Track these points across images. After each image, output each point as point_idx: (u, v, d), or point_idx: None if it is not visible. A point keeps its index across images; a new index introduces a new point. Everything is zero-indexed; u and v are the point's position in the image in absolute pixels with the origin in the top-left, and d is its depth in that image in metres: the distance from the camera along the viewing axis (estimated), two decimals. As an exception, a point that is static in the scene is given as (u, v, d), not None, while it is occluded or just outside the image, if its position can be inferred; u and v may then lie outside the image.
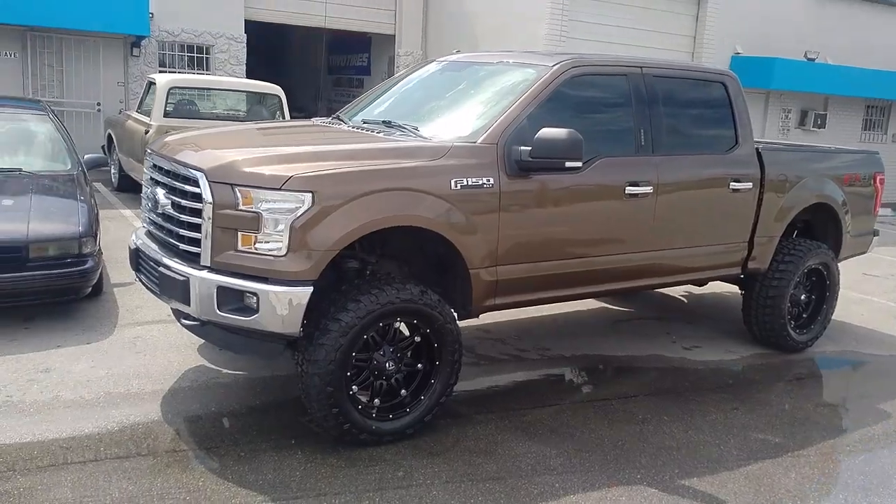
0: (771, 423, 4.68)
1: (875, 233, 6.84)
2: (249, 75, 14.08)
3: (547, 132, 4.14)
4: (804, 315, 6.19)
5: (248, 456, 3.84)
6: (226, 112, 10.57)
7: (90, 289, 5.74)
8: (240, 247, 3.70)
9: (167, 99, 9.74)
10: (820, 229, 6.44)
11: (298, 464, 3.77)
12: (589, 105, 4.79)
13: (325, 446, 3.94)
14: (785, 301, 5.86)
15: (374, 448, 3.95)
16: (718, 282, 6.19)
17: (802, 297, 6.10)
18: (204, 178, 3.76)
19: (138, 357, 5.04)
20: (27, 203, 5.72)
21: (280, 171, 3.70)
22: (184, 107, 9.97)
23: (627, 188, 4.73)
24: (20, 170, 6.37)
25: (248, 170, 3.74)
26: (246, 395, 4.61)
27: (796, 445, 4.37)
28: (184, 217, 3.92)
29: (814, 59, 15.44)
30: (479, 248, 4.19)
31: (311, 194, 3.65)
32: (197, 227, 3.82)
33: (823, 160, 6.29)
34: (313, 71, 19.71)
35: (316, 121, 5.44)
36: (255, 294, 3.66)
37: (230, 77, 13.09)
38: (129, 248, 4.53)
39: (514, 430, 4.31)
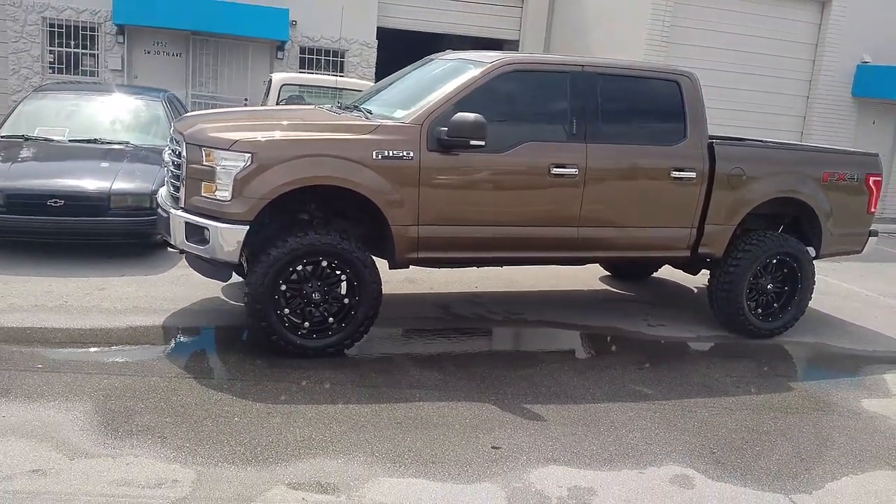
0: (660, 381, 5.23)
1: (872, 233, 6.94)
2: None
3: (459, 116, 5.04)
4: (775, 304, 6.51)
5: (201, 353, 5.12)
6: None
7: (160, 237, 7.28)
8: (202, 193, 4.94)
9: (280, 94, 11.36)
10: (807, 226, 6.71)
11: (233, 361, 4.96)
12: (521, 96, 5.57)
13: (264, 355, 5.06)
14: (741, 287, 6.24)
15: (300, 360, 5.01)
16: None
17: (770, 287, 6.43)
18: (183, 140, 5.05)
19: (174, 287, 6.46)
20: (119, 166, 7.36)
21: (232, 136, 4.90)
22: (293, 101, 11.54)
23: (553, 169, 5.48)
24: (127, 142, 8.09)
25: (211, 135, 4.98)
26: (234, 318, 5.87)
27: (661, 397, 4.92)
28: (175, 170, 5.23)
29: (952, 69, 14.53)
30: (401, 209, 5.15)
31: (250, 154, 4.80)
32: (179, 178, 5.11)
33: (795, 158, 6.57)
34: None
35: (317, 107, 6.60)
36: (207, 229, 4.87)
37: (348, 78, 14.63)
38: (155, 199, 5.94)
39: (421, 361, 5.23)
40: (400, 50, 17.49)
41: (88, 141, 7.95)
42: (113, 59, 14.48)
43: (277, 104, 11.32)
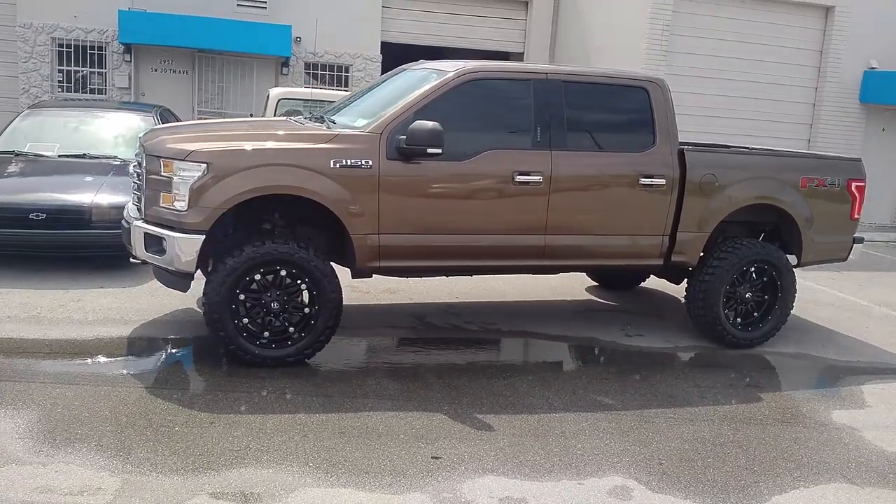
0: (624, 391, 5.14)
1: (857, 240, 6.79)
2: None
3: (417, 124, 5.03)
4: (755, 314, 6.38)
5: (160, 363, 5.13)
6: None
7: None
8: (161, 203, 4.97)
9: (277, 107, 11.45)
10: (787, 233, 6.58)
11: (191, 371, 4.99)
12: (483, 105, 5.54)
13: (224, 365, 5.07)
14: (717, 296, 6.12)
15: (258, 370, 4.98)
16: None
17: (749, 296, 6.30)
18: (143, 152, 5.09)
19: (150, 299, 6.50)
20: (103, 180, 7.44)
21: (188, 146, 4.93)
22: (291, 114, 11.63)
23: (517, 177, 5.44)
24: (115, 157, 8.18)
25: (168, 146, 5.02)
26: (203, 328, 5.84)
27: (621, 407, 4.83)
28: (138, 182, 5.27)
29: (963, 74, 14.24)
30: (361, 218, 5.14)
31: (206, 164, 4.83)
32: (140, 189, 5.15)
33: (771, 164, 6.44)
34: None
35: (289, 118, 6.62)
36: (164, 239, 4.90)
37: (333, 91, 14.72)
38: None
39: (383, 371, 5.20)
40: (404, 63, 17.67)
41: (77, 156, 8.06)
42: (120, 77, 14.71)
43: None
